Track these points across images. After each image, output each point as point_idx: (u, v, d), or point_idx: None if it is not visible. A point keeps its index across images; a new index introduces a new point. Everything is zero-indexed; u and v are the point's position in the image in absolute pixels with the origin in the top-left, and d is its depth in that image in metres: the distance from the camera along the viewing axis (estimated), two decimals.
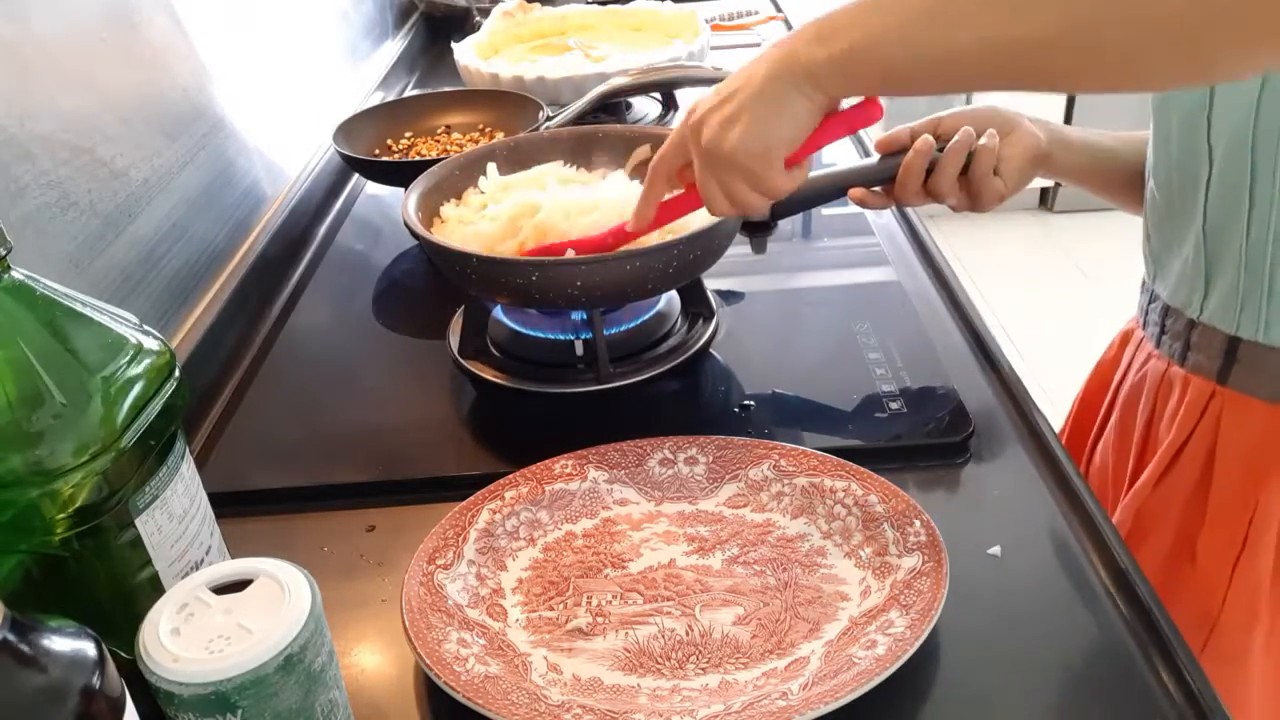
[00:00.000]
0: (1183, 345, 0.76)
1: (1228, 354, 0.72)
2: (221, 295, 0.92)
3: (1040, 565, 0.61)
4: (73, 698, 0.38)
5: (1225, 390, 0.73)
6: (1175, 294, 0.76)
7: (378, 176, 1.10)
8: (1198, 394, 0.74)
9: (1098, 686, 0.53)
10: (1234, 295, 0.70)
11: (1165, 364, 0.78)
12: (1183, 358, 0.76)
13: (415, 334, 0.93)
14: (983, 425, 0.72)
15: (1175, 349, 0.77)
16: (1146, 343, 0.81)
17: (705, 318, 0.86)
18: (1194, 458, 0.75)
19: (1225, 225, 0.69)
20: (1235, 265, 0.69)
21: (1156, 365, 0.79)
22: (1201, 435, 0.74)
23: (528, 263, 0.74)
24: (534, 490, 0.66)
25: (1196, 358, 0.75)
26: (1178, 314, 0.76)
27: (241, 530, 0.63)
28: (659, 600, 0.59)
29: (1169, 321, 0.77)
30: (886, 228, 1.03)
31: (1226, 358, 0.72)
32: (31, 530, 0.48)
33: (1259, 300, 0.69)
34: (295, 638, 0.44)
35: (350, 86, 1.45)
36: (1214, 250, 0.71)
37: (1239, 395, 0.72)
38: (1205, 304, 0.73)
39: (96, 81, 0.82)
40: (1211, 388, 0.73)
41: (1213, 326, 0.72)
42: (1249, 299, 0.69)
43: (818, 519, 0.64)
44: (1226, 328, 0.71)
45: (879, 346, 0.82)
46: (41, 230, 0.71)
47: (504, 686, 0.52)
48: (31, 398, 0.46)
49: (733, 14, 1.73)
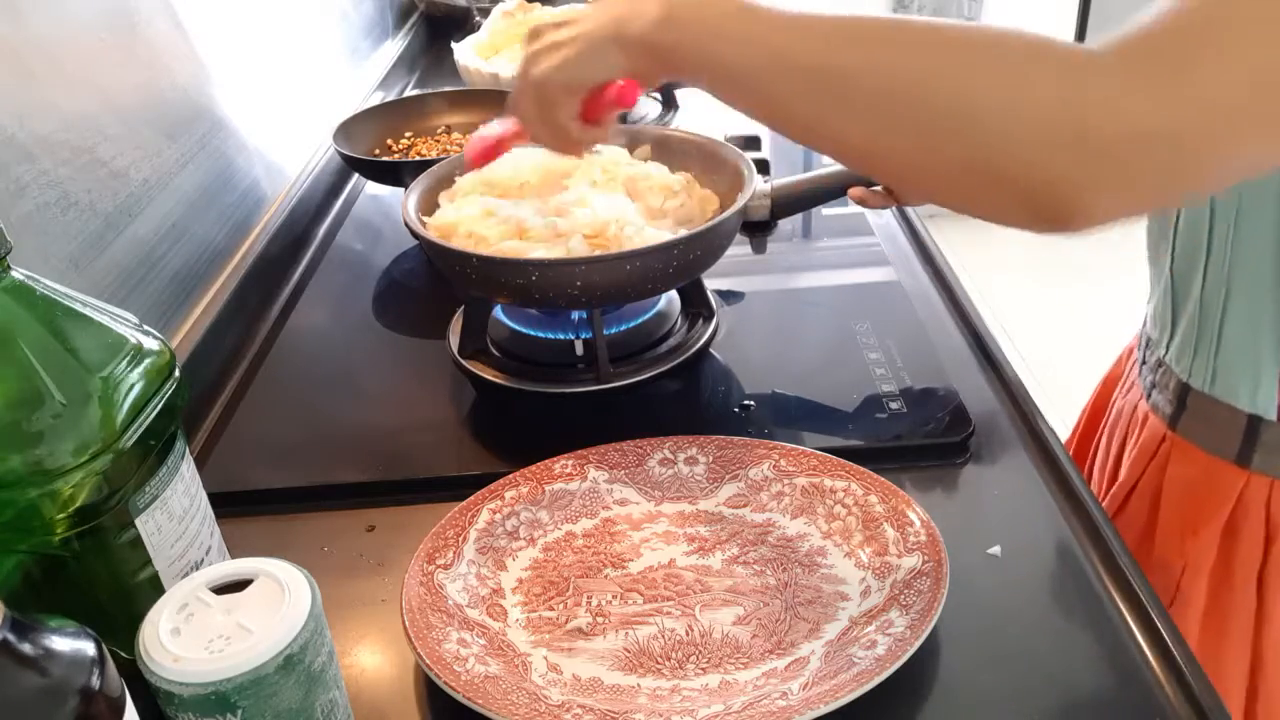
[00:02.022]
0: (1151, 380, 0.75)
1: (1179, 400, 0.70)
2: (221, 295, 0.92)
3: (1040, 565, 0.61)
4: (73, 698, 0.38)
5: (1174, 436, 0.71)
6: (1153, 326, 0.75)
7: (378, 176, 1.10)
8: (1151, 435, 0.73)
9: (1097, 686, 0.53)
10: (1189, 342, 0.69)
11: (1139, 395, 0.77)
12: (1149, 394, 0.75)
13: (415, 334, 0.93)
14: (983, 425, 0.72)
15: (1147, 382, 0.75)
16: (1136, 365, 0.80)
17: (705, 318, 0.86)
18: (1142, 500, 0.74)
19: (1188, 269, 0.67)
20: (1192, 312, 0.68)
21: (1134, 394, 0.78)
22: (1150, 478, 0.73)
23: (528, 263, 0.74)
24: (534, 490, 0.66)
25: (1157, 397, 0.73)
26: (1153, 347, 0.75)
27: (241, 530, 0.63)
28: (659, 600, 0.59)
29: (1147, 352, 0.76)
30: (886, 228, 1.03)
31: (1179, 404, 0.71)
32: (31, 530, 0.48)
33: (1209, 350, 0.67)
34: (295, 638, 0.44)
35: (350, 86, 1.45)
36: (1179, 292, 0.69)
37: (1185, 443, 0.71)
38: (1170, 344, 0.71)
39: (96, 81, 0.82)
40: (1164, 431, 0.72)
41: (1171, 369, 0.71)
42: (1201, 348, 0.68)
43: (818, 519, 0.64)
44: (1180, 373, 0.70)
45: (879, 346, 0.82)
46: (41, 230, 0.71)
47: (504, 686, 0.52)
48: (31, 398, 0.46)
49: None
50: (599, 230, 0.75)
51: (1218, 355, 0.66)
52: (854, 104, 0.49)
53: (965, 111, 0.45)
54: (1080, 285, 2.88)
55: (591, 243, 0.75)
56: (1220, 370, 0.67)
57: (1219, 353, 0.66)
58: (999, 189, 0.46)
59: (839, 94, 0.49)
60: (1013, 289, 2.82)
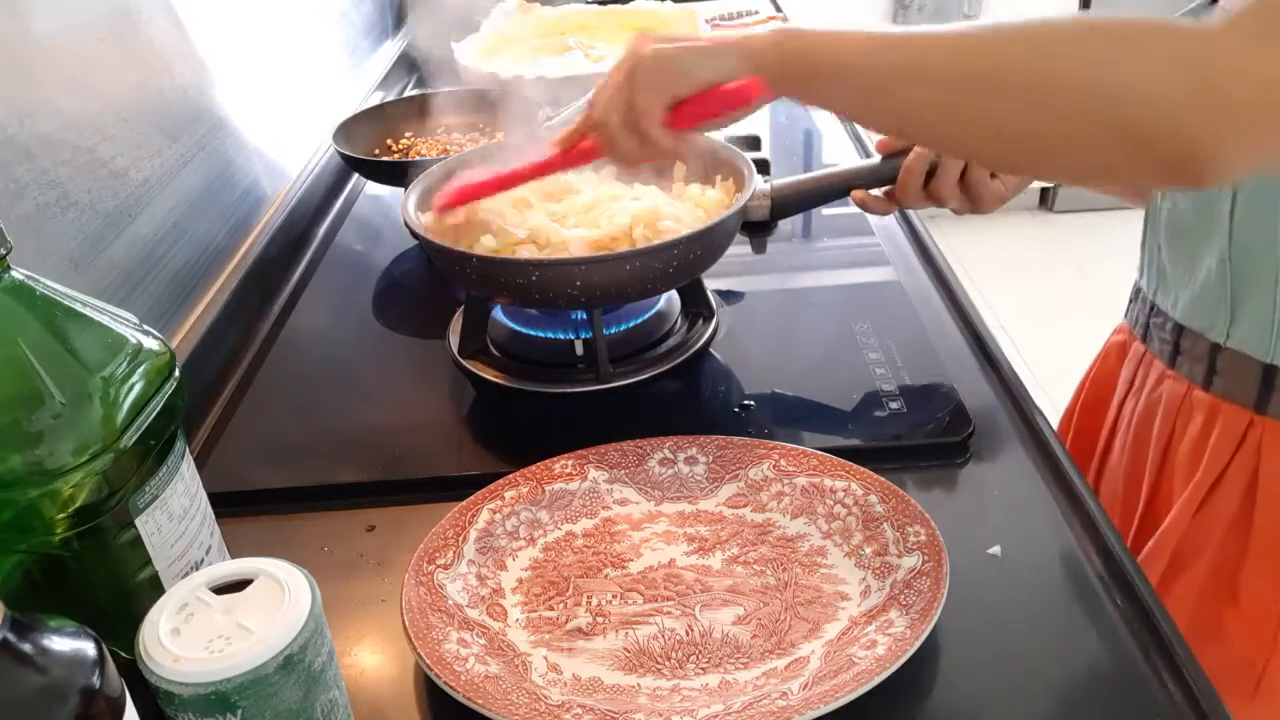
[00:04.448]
0: (1206, 369, 0.73)
1: (1265, 382, 0.69)
2: (221, 295, 0.92)
3: (1040, 565, 0.61)
4: (73, 698, 0.38)
5: (1265, 419, 0.70)
6: (1193, 315, 0.73)
7: (378, 176, 1.10)
8: (1232, 422, 0.72)
9: (1098, 686, 0.53)
10: (1268, 322, 0.68)
11: (1185, 386, 0.75)
12: (1207, 381, 0.73)
13: (415, 334, 0.93)
14: (983, 425, 0.72)
15: (1197, 372, 0.74)
16: (1154, 360, 0.79)
17: (705, 318, 0.86)
18: (1233, 489, 0.72)
19: (1254, 247, 0.67)
20: (1268, 291, 0.67)
21: (1174, 387, 0.77)
22: (1240, 465, 0.72)
23: (528, 262, 0.74)
24: (534, 490, 0.66)
25: (1225, 383, 0.72)
26: (1196, 336, 0.73)
27: (241, 530, 0.63)
28: (659, 600, 0.59)
29: (1185, 342, 0.75)
30: (886, 228, 1.03)
31: (1264, 386, 0.69)
32: (31, 530, 0.48)
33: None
34: (295, 638, 0.44)
35: (350, 86, 1.45)
36: (1241, 273, 0.68)
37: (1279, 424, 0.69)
38: (1232, 329, 0.70)
39: (96, 81, 0.82)
40: (1249, 416, 0.71)
41: (1243, 353, 0.70)
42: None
43: (818, 519, 0.64)
44: (1260, 355, 0.69)
45: (879, 346, 0.82)
46: (41, 230, 0.71)
47: (504, 686, 0.52)
48: (31, 398, 0.46)
49: (732, 14, 1.73)
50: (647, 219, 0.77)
51: None
52: (997, 98, 0.52)
53: (1105, 89, 0.48)
54: (1080, 285, 2.88)
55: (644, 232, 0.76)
56: None
57: None
58: (1142, 156, 0.49)
59: (981, 92, 0.52)
60: (1013, 289, 2.81)
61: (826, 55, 0.58)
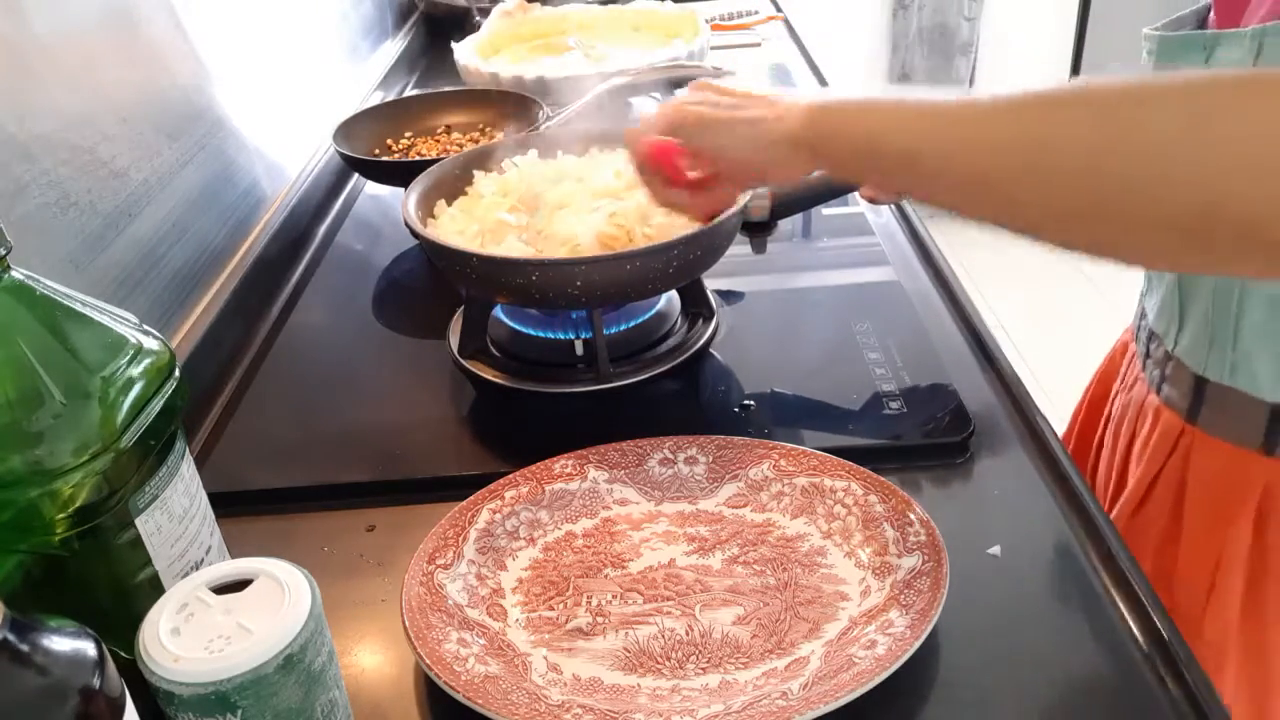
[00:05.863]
0: (1159, 374, 0.74)
1: (1196, 393, 0.70)
2: (221, 295, 0.92)
3: (1040, 565, 0.61)
4: (73, 698, 0.38)
5: (1193, 428, 0.71)
6: (1157, 320, 0.74)
7: (378, 176, 1.10)
8: (1168, 428, 0.73)
9: (1097, 686, 0.53)
10: (1204, 336, 0.68)
11: (1146, 390, 0.77)
12: (1159, 387, 0.74)
13: (415, 334, 0.93)
14: (983, 425, 0.72)
15: (1155, 376, 0.75)
16: (1137, 360, 0.80)
17: (705, 318, 0.86)
18: (1165, 492, 0.74)
19: None
20: (1206, 305, 0.67)
21: (1139, 389, 0.78)
22: (1171, 471, 0.73)
23: (528, 262, 0.74)
24: (534, 490, 0.66)
25: (1169, 391, 0.73)
26: (1159, 340, 0.74)
27: (241, 530, 0.63)
28: (659, 600, 0.59)
29: (1152, 346, 0.76)
30: (886, 228, 1.03)
31: (1195, 396, 0.70)
32: (31, 530, 0.48)
33: (1226, 344, 0.67)
34: (295, 638, 0.44)
35: (350, 86, 1.45)
36: (1188, 285, 0.69)
37: (1205, 435, 0.70)
38: (1179, 338, 0.71)
39: (96, 81, 0.82)
40: (1181, 424, 0.72)
41: (1183, 363, 0.71)
42: (1217, 341, 0.67)
43: (818, 519, 0.64)
44: (1195, 367, 0.70)
45: (879, 346, 0.82)
46: (41, 230, 0.71)
47: (504, 686, 0.52)
48: (31, 398, 0.46)
49: (733, 14, 1.73)
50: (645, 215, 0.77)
51: (1235, 348, 0.66)
52: (1058, 176, 0.46)
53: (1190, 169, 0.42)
54: (1079, 285, 2.87)
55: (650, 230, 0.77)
56: (1240, 363, 0.67)
57: (1237, 345, 0.66)
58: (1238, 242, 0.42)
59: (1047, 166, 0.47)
60: (1013, 289, 2.81)
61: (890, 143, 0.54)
